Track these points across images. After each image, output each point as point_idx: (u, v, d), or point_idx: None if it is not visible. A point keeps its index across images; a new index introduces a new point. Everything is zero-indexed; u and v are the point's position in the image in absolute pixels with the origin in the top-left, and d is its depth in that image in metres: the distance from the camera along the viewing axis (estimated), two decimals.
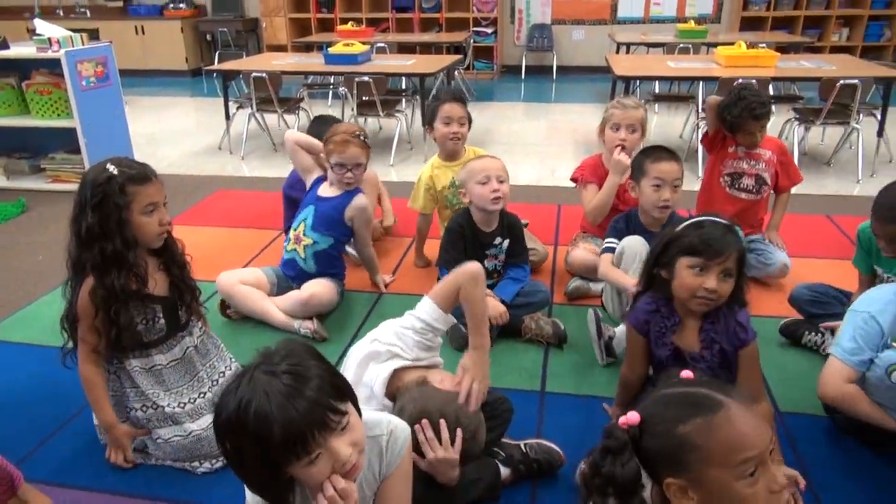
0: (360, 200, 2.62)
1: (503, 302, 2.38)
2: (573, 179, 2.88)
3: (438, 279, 2.53)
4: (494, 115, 6.49)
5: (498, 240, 2.48)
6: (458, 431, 1.47)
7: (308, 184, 2.77)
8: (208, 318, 2.07)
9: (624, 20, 8.39)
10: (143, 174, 1.70)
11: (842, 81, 4.18)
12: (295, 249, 2.64)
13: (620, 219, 2.49)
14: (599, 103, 3.29)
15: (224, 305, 2.62)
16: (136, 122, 5.69)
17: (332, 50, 5.27)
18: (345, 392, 1.12)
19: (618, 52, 6.66)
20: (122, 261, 1.67)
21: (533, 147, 5.31)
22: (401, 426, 1.32)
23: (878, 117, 4.53)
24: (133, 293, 1.71)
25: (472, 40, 8.01)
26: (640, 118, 2.74)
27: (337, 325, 2.57)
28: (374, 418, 1.30)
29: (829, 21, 7.83)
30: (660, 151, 2.38)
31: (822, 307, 2.34)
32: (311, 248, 2.61)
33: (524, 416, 1.95)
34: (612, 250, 2.39)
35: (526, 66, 8.54)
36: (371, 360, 1.64)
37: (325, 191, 2.67)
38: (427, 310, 1.64)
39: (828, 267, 2.89)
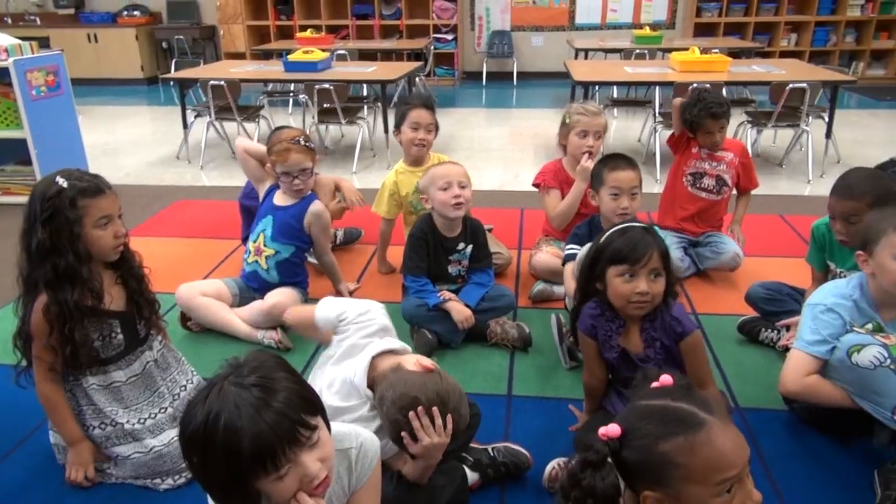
0: (315, 207, 2.60)
1: (468, 307, 2.39)
2: (535, 185, 2.91)
3: (403, 286, 2.54)
4: (457, 121, 6.52)
5: (461, 245, 2.49)
6: (449, 417, 1.46)
7: (261, 193, 2.72)
8: (169, 330, 2.03)
9: (582, 26, 8.52)
10: (95, 186, 1.65)
11: (791, 85, 4.32)
12: (256, 261, 2.61)
13: (583, 225, 2.53)
14: (559, 108, 3.34)
15: (185, 318, 2.56)
16: (91, 132, 5.56)
17: (291, 57, 5.23)
18: (315, 406, 1.10)
19: (576, 57, 6.77)
20: (76, 276, 1.62)
21: (495, 152, 5.36)
22: (370, 439, 1.31)
23: (826, 119, 4.69)
24: (88, 309, 1.66)
25: (432, 47, 8.04)
26: (605, 125, 2.82)
27: (301, 336, 2.55)
28: (343, 431, 1.29)
29: (778, 27, 8.09)
30: (617, 160, 2.41)
31: (778, 304, 2.41)
32: (273, 258, 2.58)
33: (491, 421, 1.95)
34: (573, 257, 2.42)
35: (487, 73, 8.61)
36: (346, 358, 1.65)
37: (281, 199, 2.63)
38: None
39: (782, 265, 2.97)
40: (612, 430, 1.04)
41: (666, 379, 1.11)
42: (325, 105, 4.88)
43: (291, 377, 1.09)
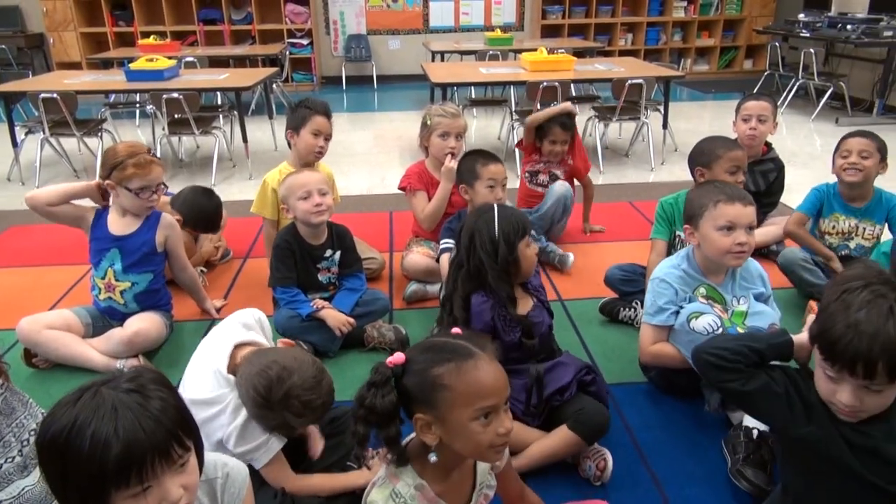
0: (167, 219, 2.45)
1: (343, 313, 2.36)
2: (401, 188, 2.94)
3: (273, 299, 2.46)
4: None
5: (329, 252, 2.46)
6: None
7: (86, 227, 2.40)
8: (11, 371, 1.82)
9: (436, 29, 8.70)
10: None
11: (630, 81, 4.68)
12: (110, 297, 2.40)
13: (454, 219, 2.61)
14: (420, 110, 3.39)
15: (29, 355, 2.33)
16: None
17: (133, 66, 4.90)
18: (191, 427, 1.05)
19: (433, 60, 6.89)
20: None
21: (361, 156, 5.34)
22: (237, 468, 1.26)
23: (662, 112, 5.13)
24: None
25: (288, 52, 7.86)
26: (465, 125, 2.90)
27: (167, 361, 2.40)
28: (209, 459, 1.23)
29: (615, 28, 8.71)
30: (487, 156, 2.56)
31: (633, 284, 2.60)
32: (130, 290, 2.39)
33: None
34: (449, 250, 2.47)
35: (346, 77, 8.55)
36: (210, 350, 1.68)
37: (120, 226, 2.37)
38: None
39: (634, 248, 3.21)
40: (397, 357, 1.17)
41: (456, 330, 1.28)
42: (175, 116, 4.62)
43: (170, 392, 1.04)
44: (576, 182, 3.36)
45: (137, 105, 6.06)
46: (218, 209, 3.04)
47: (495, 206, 1.89)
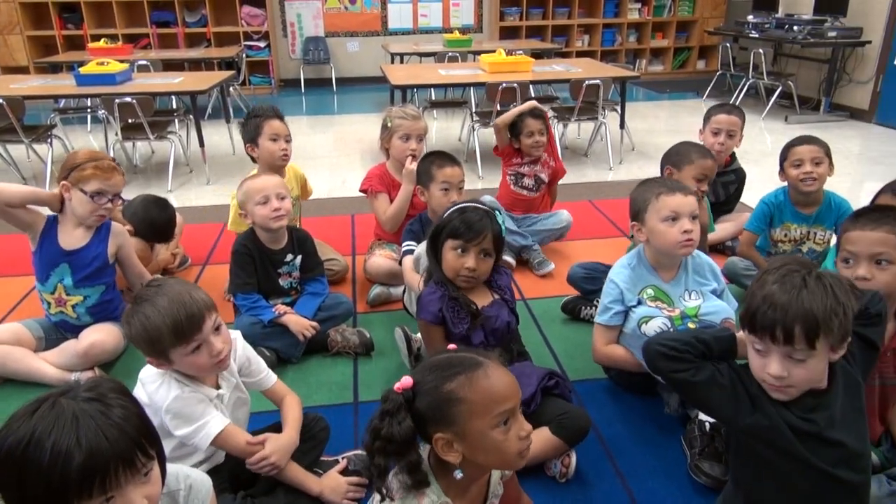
0: (117, 227, 2.38)
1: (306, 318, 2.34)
2: (362, 191, 2.93)
3: (234, 306, 2.42)
4: None
5: (289, 257, 2.43)
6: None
7: (33, 235, 2.28)
8: None
9: (395, 31, 8.68)
10: None
11: (587, 82, 4.74)
12: (61, 311, 2.32)
13: (415, 222, 2.60)
14: (381, 112, 3.38)
15: None
16: None
17: (84, 70, 4.76)
18: (154, 437, 1.04)
19: (392, 62, 6.88)
20: None
21: (321, 160, 5.29)
22: (200, 479, 1.24)
23: (619, 112, 5.22)
24: None
25: (244, 55, 7.74)
26: (425, 127, 2.89)
27: (125, 372, 2.33)
28: (170, 471, 1.21)
29: (572, 29, 8.82)
30: (443, 157, 2.53)
31: (595, 282, 2.63)
32: (83, 304, 2.32)
33: (340, 430, 1.94)
34: (411, 252, 2.47)
35: (305, 79, 8.47)
36: None
37: (71, 240, 2.27)
38: None
39: (596, 246, 3.26)
40: (405, 382, 1.15)
41: (451, 347, 1.26)
42: (129, 120, 4.50)
43: (131, 400, 1.02)
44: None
45: (89, 110, 5.89)
46: (171, 220, 2.97)
47: (466, 204, 1.89)
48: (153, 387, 1.49)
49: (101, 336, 2.28)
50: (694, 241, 1.90)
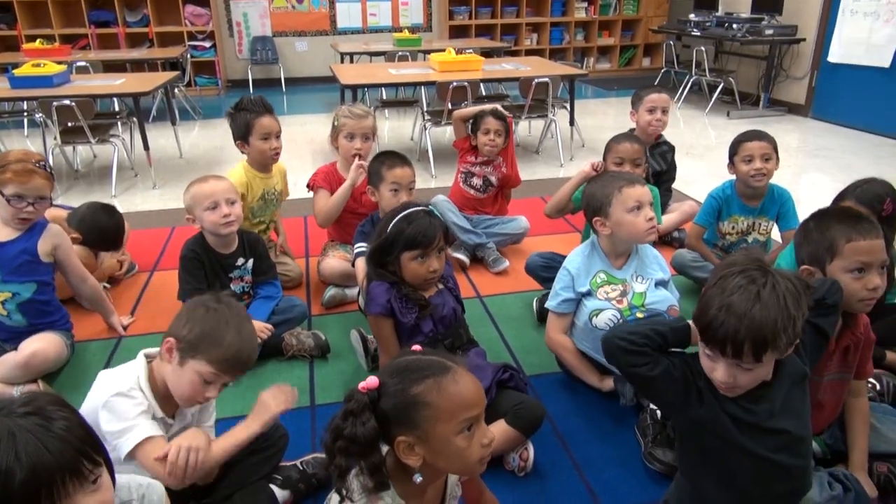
0: (53, 228, 2.29)
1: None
2: (308, 186, 2.89)
3: None
4: (226, 133, 6.14)
5: (240, 261, 2.39)
6: None
7: None
8: None
9: (344, 30, 8.61)
10: None
11: (536, 80, 4.80)
12: None
13: (366, 223, 2.58)
14: (332, 112, 3.34)
15: None
16: None
17: (18, 72, 4.57)
18: (98, 444, 1.01)
19: (342, 61, 6.82)
20: None
21: None
22: (153, 486, 1.22)
23: (568, 109, 5.29)
24: None
25: (189, 55, 7.56)
26: (372, 126, 2.86)
27: (70, 384, 2.25)
28: (122, 481, 1.18)
29: (520, 28, 8.91)
30: (393, 157, 2.51)
31: (552, 272, 2.63)
32: (12, 301, 2.22)
33: (298, 435, 1.90)
34: (363, 254, 2.45)
35: (253, 80, 8.33)
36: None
37: None
38: None
39: (548, 242, 3.30)
40: (370, 382, 1.14)
41: (417, 348, 1.25)
42: (69, 124, 4.35)
43: (72, 411, 0.99)
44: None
45: (25, 113, 5.66)
46: (119, 227, 2.88)
47: (407, 211, 1.89)
48: (120, 383, 1.45)
49: (42, 345, 2.20)
50: (656, 227, 2.00)
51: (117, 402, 1.43)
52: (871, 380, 1.93)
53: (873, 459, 1.70)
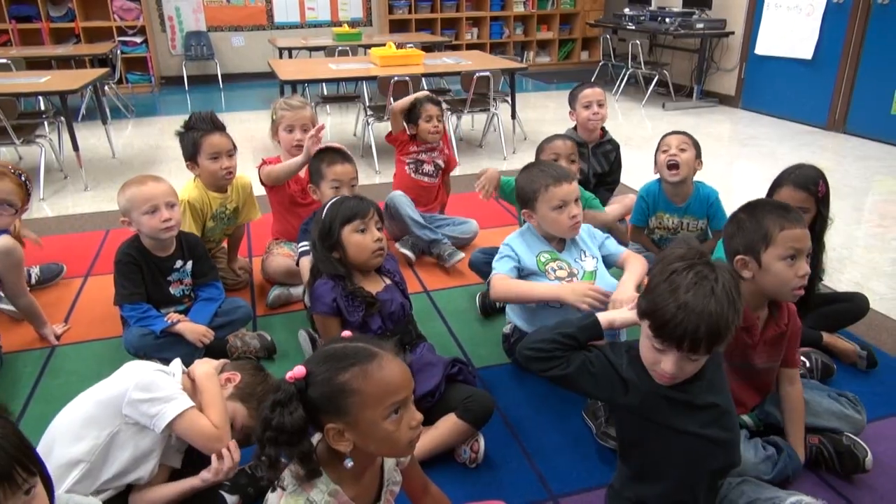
0: (4, 241, 2.21)
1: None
2: (258, 168, 2.82)
3: (122, 318, 2.28)
4: (161, 131, 6.02)
5: (179, 263, 2.32)
6: None
7: None
8: None
9: (282, 25, 8.45)
10: None
11: (477, 74, 4.82)
12: None
13: (309, 220, 2.54)
14: (270, 109, 3.29)
15: None
16: None
17: None
18: (34, 457, 0.98)
19: (281, 56, 6.69)
20: None
21: None
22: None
23: (510, 103, 5.35)
24: None
25: (119, 51, 7.27)
26: (310, 116, 2.83)
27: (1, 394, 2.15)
28: (63, 500, 1.14)
29: (461, 22, 8.94)
30: (334, 155, 2.47)
31: None
32: None
33: None
34: (308, 252, 2.42)
35: (188, 76, 8.09)
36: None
37: None
38: None
39: (494, 234, 3.33)
40: (297, 371, 1.14)
41: (346, 334, 1.26)
42: None
43: (5, 420, 0.97)
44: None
45: None
46: None
47: (332, 199, 1.96)
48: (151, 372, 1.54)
49: None
50: (580, 222, 2.07)
51: (159, 378, 1.53)
52: (801, 357, 2.03)
53: (805, 432, 1.79)
